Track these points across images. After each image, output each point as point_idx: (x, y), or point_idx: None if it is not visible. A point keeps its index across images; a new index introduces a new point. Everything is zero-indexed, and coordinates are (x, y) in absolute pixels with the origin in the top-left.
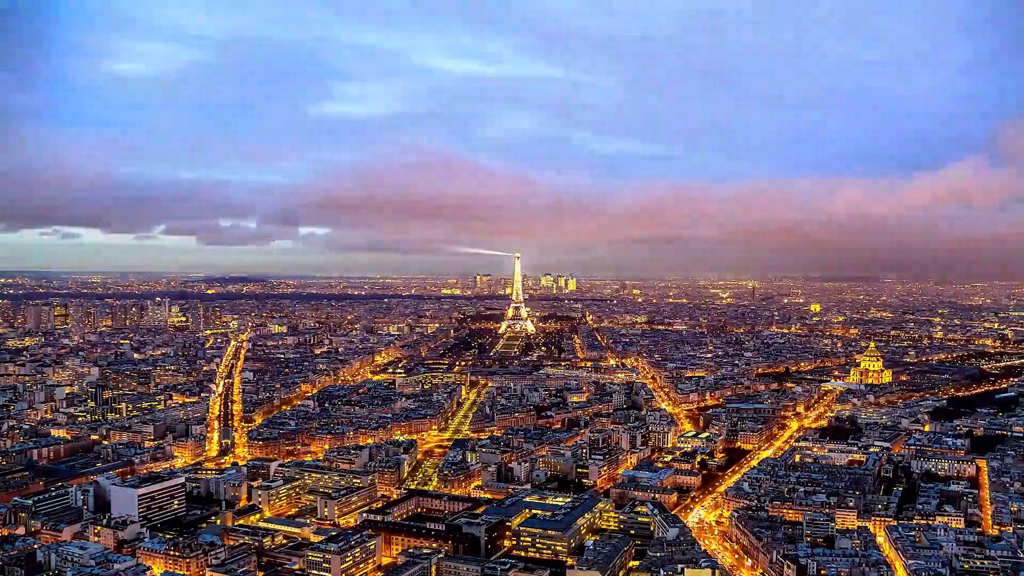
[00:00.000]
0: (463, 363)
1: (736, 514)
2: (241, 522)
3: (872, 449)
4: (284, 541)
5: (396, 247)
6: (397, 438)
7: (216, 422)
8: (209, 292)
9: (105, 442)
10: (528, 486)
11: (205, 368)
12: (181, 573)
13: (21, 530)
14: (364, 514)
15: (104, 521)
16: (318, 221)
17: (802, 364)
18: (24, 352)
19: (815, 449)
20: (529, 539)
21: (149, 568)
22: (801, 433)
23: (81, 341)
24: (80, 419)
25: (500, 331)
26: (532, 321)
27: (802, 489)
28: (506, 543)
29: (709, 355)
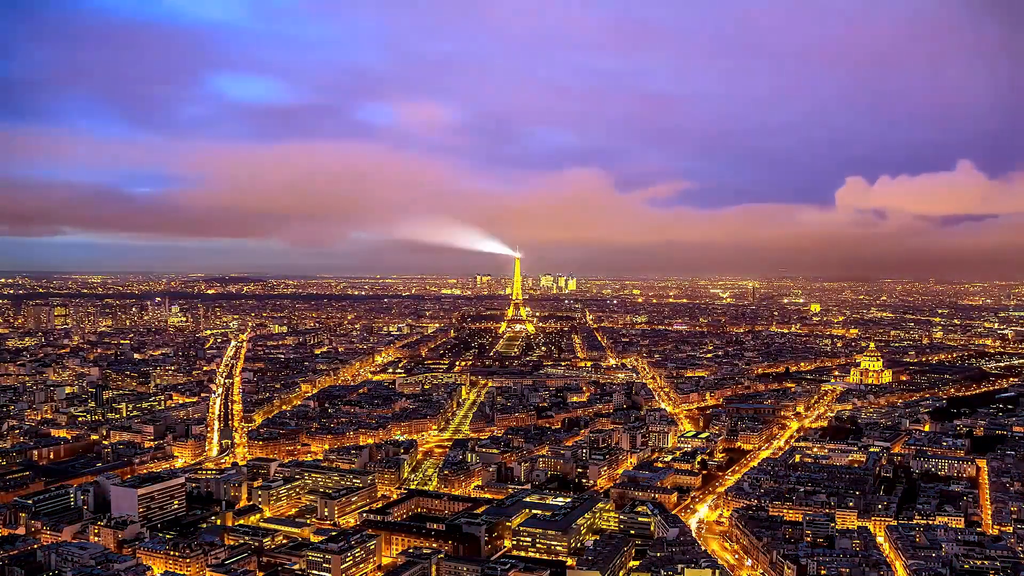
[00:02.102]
0: (463, 363)
1: (736, 514)
2: (241, 522)
3: (872, 449)
4: (284, 541)
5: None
6: (397, 438)
7: (216, 422)
8: (209, 292)
9: (105, 442)
10: (528, 486)
11: (205, 368)
12: (181, 573)
13: (21, 530)
14: (364, 514)
15: (104, 521)
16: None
17: (802, 364)
18: (24, 352)
19: (815, 449)
20: (529, 539)
21: (149, 568)
22: (801, 433)
23: (81, 341)
24: (80, 419)
25: (500, 331)
26: (532, 321)
27: (802, 489)
28: (506, 543)
29: (709, 355)
